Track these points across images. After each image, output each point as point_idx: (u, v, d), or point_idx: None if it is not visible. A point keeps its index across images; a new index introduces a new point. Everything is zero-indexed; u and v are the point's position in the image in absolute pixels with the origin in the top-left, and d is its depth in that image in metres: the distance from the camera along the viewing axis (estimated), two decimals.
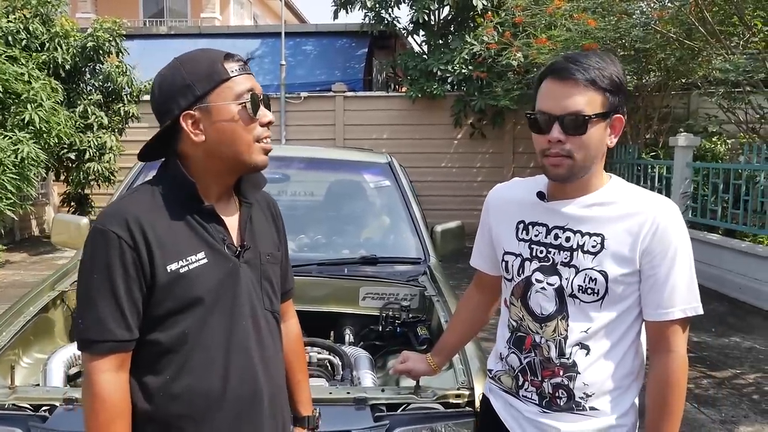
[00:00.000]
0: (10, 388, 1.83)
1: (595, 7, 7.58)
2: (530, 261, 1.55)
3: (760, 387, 4.59)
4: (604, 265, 1.45)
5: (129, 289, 1.28)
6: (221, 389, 1.34)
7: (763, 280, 6.57)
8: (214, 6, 19.38)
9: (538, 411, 1.54)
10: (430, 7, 11.23)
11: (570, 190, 1.50)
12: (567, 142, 1.42)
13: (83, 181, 9.56)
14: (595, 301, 1.47)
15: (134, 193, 1.39)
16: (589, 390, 1.50)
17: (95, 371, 1.27)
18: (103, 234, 1.28)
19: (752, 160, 6.97)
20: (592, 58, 1.44)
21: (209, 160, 1.36)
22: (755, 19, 7.20)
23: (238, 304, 1.38)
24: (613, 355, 1.50)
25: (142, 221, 1.29)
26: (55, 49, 9.01)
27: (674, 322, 1.46)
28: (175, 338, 1.32)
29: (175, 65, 1.37)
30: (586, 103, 1.40)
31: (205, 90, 1.33)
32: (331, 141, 11.57)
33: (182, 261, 1.31)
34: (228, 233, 1.40)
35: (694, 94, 10.13)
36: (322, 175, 3.57)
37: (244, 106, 1.34)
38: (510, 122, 11.41)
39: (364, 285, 2.77)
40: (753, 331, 5.92)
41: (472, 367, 2.03)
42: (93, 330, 1.28)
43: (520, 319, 1.58)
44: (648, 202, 1.48)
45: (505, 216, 1.63)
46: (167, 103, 1.35)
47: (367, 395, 1.89)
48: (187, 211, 1.36)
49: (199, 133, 1.34)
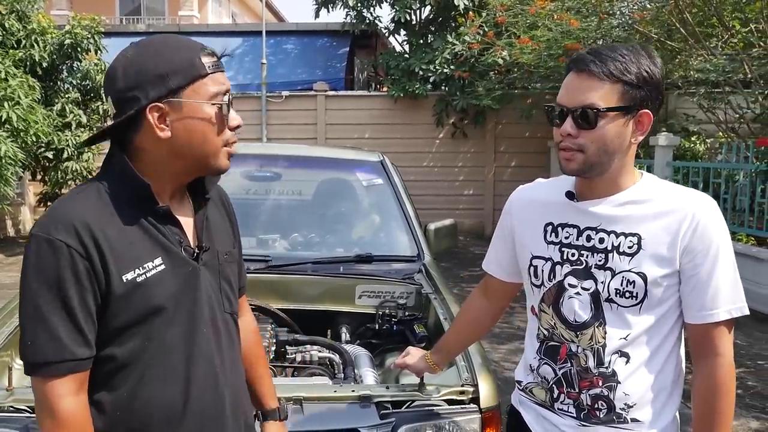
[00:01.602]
0: (7, 390, 1.78)
1: (579, 7, 7.66)
2: (561, 265, 1.47)
3: (743, 381, 4.66)
4: (643, 267, 1.38)
5: (84, 302, 1.16)
6: (183, 401, 1.26)
7: (742, 277, 6.65)
8: (192, 4, 19.22)
9: (576, 424, 1.47)
10: (411, 7, 11.23)
11: (599, 188, 1.43)
12: (579, 136, 1.37)
13: (61, 180, 9.39)
14: (634, 305, 1.40)
15: (78, 194, 1.24)
16: (631, 400, 1.42)
17: (54, 397, 1.16)
18: (50, 244, 1.15)
19: (731, 159, 7.10)
20: (620, 50, 1.37)
21: (171, 158, 1.25)
22: (733, 20, 7.33)
23: (198, 309, 1.29)
24: (654, 362, 1.43)
25: (91, 227, 1.17)
26: (32, 46, 8.85)
27: (719, 324, 1.39)
28: (133, 351, 1.22)
29: (144, 50, 1.24)
30: (600, 97, 1.34)
31: (180, 84, 1.21)
32: (313, 140, 11.52)
33: (139, 269, 1.21)
34: (184, 234, 1.30)
35: (673, 94, 10.27)
36: (314, 173, 3.55)
37: (219, 108, 1.24)
38: (492, 122, 11.46)
39: (360, 283, 2.76)
40: (735, 327, 6.01)
41: (475, 363, 2.03)
42: (47, 350, 1.15)
43: (552, 327, 1.50)
44: (685, 198, 1.41)
45: (530, 218, 1.56)
46: (133, 90, 1.21)
47: (372, 393, 1.87)
48: (139, 213, 1.24)
49: (165, 129, 1.22)
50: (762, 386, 4.57)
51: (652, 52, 1.40)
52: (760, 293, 6.40)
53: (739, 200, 6.97)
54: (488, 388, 1.92)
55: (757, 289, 6.44)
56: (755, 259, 6.54)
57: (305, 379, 2.14)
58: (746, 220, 6.81)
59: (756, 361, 5.12)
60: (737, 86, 7.19)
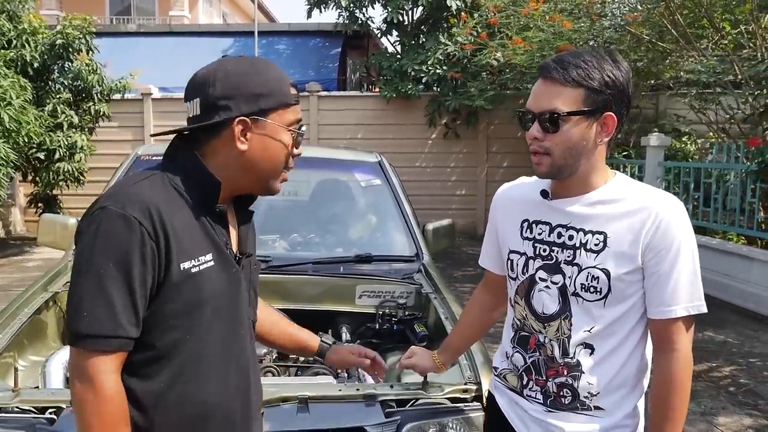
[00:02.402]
0: (13, 391, 1.79)
1: (571, 8, 7.71)
2: (534, 259, 1.55)
3: (735, 379, 4.72)
4: (607, 263, 1.45)
5: (144, 282, 1.20)
6: (218, 401, 1.30)
7: (732, 276, 6.75)
8: (183, 4, 19.16)
9: (543, 410, 1.55)
10: (403, 8, 11.25)
11: (571, 187, 1.50)
12: (545, 139, 1.44)
13: (52, 181, 9.33)
14: (599, 299, 1.47)
15: (145, 179, 1.29)
16: (594, 389, 1.49)
17: (99, 371, 1.17)
18: (124, 219, 1.18)
19: (722, 160, 7.16)
20: (583, 56, 1.44)
21: (239, 169, 1.34)
22: (724, 21, 7.40)
23: (239, 312, 1.36)
24: (618, 355, 1.49)
25: (162, 212, 1.22)
26: (23, 47, 8.80)
27: (677, 320, 1.44)
28: (173, 343, 1.26)
29: (247, 67, 1.34)
30: (563, 102, 1.41)
31: (269, 106, 1.32)
32: (305, 141, 11.49)
33: (194, 260, 1.26)
34: (230, 239, 1.38)
35: (665, 95, 10.36)
36: (313, 173, 3.55)
37: (293, 135, 1.36)
38: (484, 122, 11.50)
39: (360, 283, 2.78)
40: (725, 326, 6.08)
41: (477, 361, 2.05)
42: (104, 323, 1.17)
43: (523, 318, 1.58)
44: (652, 198, 1.46)
45: (510, 215, 1.65)
46: (228, 99, 1.30)
47: (377, 392, 1.89)
48: (201, 209, 1.31)
49: (244, 142, 1.32)
50: (754, 384, 4.63)
51: (617, 57, 1.47)
52: (750, 292, 6.47)
53: (730, 200, 7.03)
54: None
55: (748, 288, 6.52)
56: (746, 258, 6.61)
57: (310, 379, 2.15)
58: (737, 220, 6.88)
59: (747, 359, 5.18)
60: (728, 87, 7.26)
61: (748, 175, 6.54)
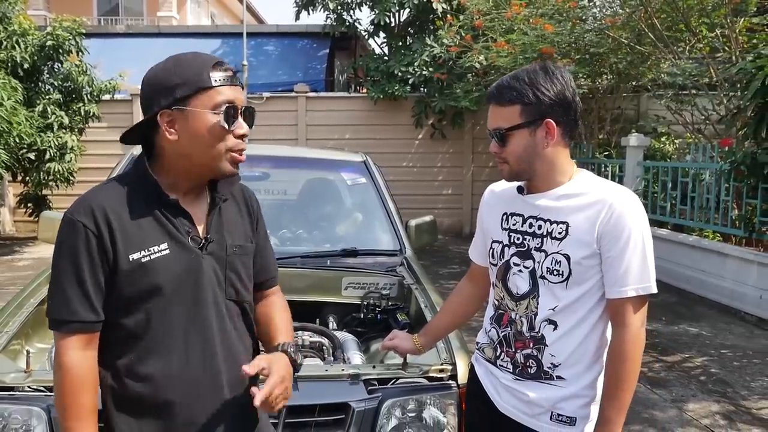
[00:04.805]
0: (26, 372, 1.94)
1: (552, 12, 7.91)
2: (509, 247, 1.76)
3: (706, 369, 4.94)
4: (567, 249, 1.64)
5: (94, 273, 1.39)
6: (180, 369, 1.45)
7: (708, 272, 6.98)
8: (171, 4, 19.19)
9: (512, 378, 1.75)
10: (390, 10, 11.41)
11: (538, 185, 1.72)
12: (501, 152, 1.69)
13: (43, 181, 9.41)
14: (561, 281, 1.65)
15: (105, 184, 1.49)
16: (556, 360, 1.67)
17: (63, 349, 1.39)
18: (70, 223, 1.40)
19: (698, 159, 7.38)
20: (518, 76, 1.66)
21: (179, 158, 1.46)
22: (700, 26, 7.63)
23: (202, 292, 1.47)
24: (578, 331, 1.67)
25: (107, 211, 1.40)
26: (13, 48, 8.89)
27: (629, 300, 1.61)
28: (137, 323, 1.43)
29: (167, 64, 1.46)
30: (504, 119, 1.66)
31: (184, 94, 1.41)
32: (294, 141, 11.66)
33: (144, 251, 1.41)
34: (194, 226, 1.49)
35: (644, 96, 10.59)
36: (301, 173, 3.72)
37: (220, 117, 1.42)
38: (469, 123, 11.69)
39: (346, 275, 2.94)
40: (700, 319, 6.30)
41: (453, 345, 2.23)
42: (61, 310, 1.39)
43: (501, 299, 1.79)
44: (608, 192, 1.65)
45: (493, 209, 1.86)
46: (150, 98, 1.44)
47: (360, 371, 2.06)
48: (154, 205, 1.45)
49: (173, 132, 1.43)
50: (724, 373, 4.84)
51: (550, 69, 1.66)
52: (724, 287, 6.69)
53: (706, 198, 7.25)
54: (465, 366, 2.12)
55: (722, 282, 6.74)
56: (720, 254, 6.83)
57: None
58: (712, 218, 7.10)
59: (719, 351, 5.39)
60: (703, 89, 7.49)
61: (721, 174, 6.75)
